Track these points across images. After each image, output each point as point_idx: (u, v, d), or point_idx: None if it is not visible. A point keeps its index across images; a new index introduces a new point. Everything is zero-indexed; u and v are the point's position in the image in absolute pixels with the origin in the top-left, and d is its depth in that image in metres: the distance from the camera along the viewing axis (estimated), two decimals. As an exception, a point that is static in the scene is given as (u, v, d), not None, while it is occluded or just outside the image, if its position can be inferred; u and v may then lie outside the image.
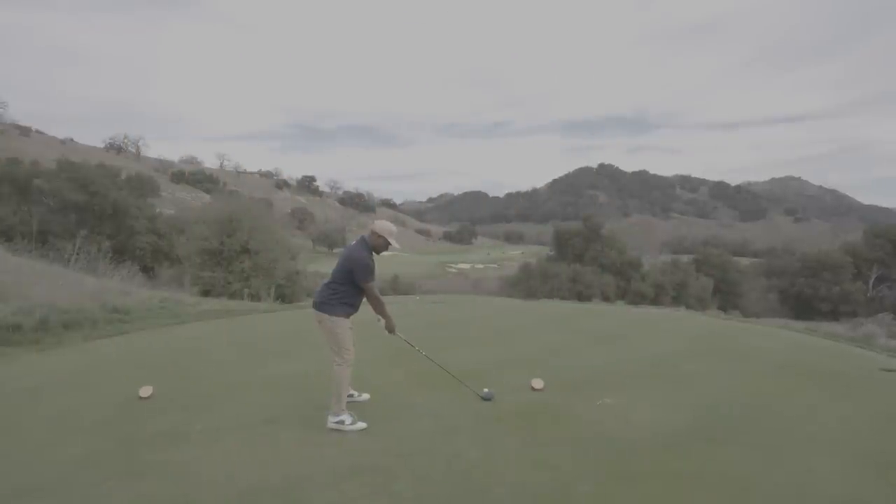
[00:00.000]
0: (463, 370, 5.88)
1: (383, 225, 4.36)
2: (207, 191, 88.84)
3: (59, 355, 6.96)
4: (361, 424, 4.22)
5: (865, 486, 3.26)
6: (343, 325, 4.27)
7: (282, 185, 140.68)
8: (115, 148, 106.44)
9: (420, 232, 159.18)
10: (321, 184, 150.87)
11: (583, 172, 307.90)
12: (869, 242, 49.44)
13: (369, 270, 4.24)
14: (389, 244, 4.34)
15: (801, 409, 4.64)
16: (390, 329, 4.48)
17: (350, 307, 4.31)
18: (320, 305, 4.27)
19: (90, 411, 4.64)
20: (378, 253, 4.38)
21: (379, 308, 4.37)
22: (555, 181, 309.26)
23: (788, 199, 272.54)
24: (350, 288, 4.25)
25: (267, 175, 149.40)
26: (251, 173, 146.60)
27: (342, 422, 4.19)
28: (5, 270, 11.15)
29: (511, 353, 6.71)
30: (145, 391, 4.98)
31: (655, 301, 36.37)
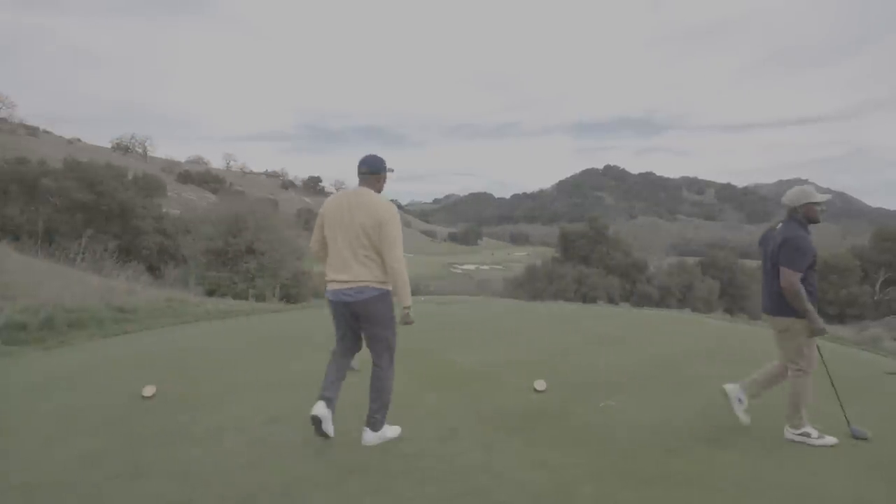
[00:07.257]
0: (468, 371, 5.89)
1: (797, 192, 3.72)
2: (214, 191, 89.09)
3: (65, 354, 7.00)
4: (831, 439, 3.74)
5: (870, 489, 3.24)
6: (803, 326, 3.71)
7: (288, 185, 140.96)
8: (122, 148, 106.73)
9: (425, 233, 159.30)
10: (327, 184, 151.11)
11: (589, 174, 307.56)
12: (877, 245, 49.19)
13: (802, 253, 3.52)
14: (817, 206, 3.68)
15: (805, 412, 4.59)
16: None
17: (812, 298, 3.65)
18: (778, 309, 3.75)
19: (94, 410, 4.66)
20: (813, 222, 3.71)
21: (797, 304, 3.59)
22: (561, 182, 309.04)
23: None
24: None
25: (273, 175, 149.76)
26: (257, 173, 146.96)
27: (807, 434, 3.79)
28: (12, 270, 11.24)
29: (515, 355, 6.70)
30: (149, 390, 5.00)
31: (661, 303, 36.17)
